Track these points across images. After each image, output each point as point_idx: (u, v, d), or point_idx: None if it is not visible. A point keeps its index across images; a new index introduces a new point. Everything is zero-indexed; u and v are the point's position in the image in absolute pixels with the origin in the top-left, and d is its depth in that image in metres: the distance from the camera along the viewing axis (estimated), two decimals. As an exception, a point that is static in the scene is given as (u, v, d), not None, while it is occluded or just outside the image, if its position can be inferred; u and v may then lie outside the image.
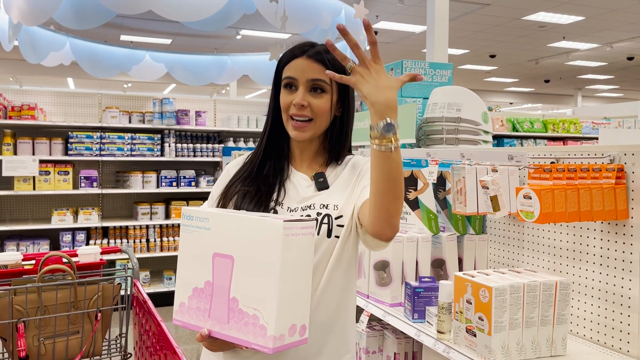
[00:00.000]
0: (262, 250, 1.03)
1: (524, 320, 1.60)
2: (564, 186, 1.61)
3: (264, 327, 1.02)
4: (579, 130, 7.10)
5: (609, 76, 15.68)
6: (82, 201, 5.76)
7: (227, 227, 1.09)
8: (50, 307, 1.90)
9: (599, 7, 8.82)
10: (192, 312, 1.12)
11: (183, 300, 1.14)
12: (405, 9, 8.78)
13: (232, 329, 1.06)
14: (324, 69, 1.28)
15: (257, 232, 1.04)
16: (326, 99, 1.30)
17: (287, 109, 1.31)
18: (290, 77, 1.31)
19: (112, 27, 9.81)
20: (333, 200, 1.32)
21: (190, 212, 1.14)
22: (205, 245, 1.11)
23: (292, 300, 1.05)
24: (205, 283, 1.10)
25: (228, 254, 1.07)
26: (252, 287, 1.04)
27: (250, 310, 1.04)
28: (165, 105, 5.69)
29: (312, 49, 1.31)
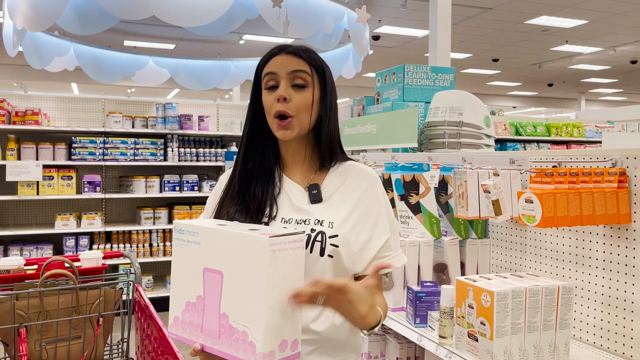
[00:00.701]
0: (250, 266, 1.01)
1: (526, 325, 1.59)
2: (565, 190, 1.60)
3: (253, 344, 1.00)
4: (582, 134, 7.08)
5: (612, 80, 15.66)
6: (86, 206, 5.77)
7: (215, 242, 1.07)
8: (52, 312, 1.90)
9: (602, 10, 8.81)
10: (186, 326, 1.11)
11: (177, 314, 1.13)
12: (408, 13, 8.80)
13: (224, 344, 1.05)
14: (304, 62, 1.26)
15: (245, 248, 1.02)
16: (308, 93, 1.26)
17: (271, 108, 1.26)
18: (270, 73, 1.26)
19: (116, 33, 9.86)
20: (329, 217, 1.25)
21: (181, 225, 1.12)
22: (195, 259, 1.09)
23: (281, 316, 1.02)
24: (197, 297, 1.09)
25: (217, 269, 1.06)
26: (240, 303, 1.02)
27: (240, 326, 1.02)
28: (168, 110, 5.71)
29: (290, 47, 1.28)
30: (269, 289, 0.99)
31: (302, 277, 1.06)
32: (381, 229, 1.27)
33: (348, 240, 1.22)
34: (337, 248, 1.21)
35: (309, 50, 1.30)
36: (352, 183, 1.30)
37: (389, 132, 3.05)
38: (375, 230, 1.27)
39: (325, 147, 1.31)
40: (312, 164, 1.34)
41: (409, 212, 2.29)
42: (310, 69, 1.27)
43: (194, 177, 5.80)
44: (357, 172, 1.33)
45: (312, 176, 1.32)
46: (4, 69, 12.93)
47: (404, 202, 2.32)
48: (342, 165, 1.34)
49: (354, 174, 1.32)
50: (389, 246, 1.28)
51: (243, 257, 1.02)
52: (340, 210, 1.26)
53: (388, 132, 3.06)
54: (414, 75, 3.16)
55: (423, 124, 3.01)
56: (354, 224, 1.25)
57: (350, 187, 1.30)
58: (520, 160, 1.72)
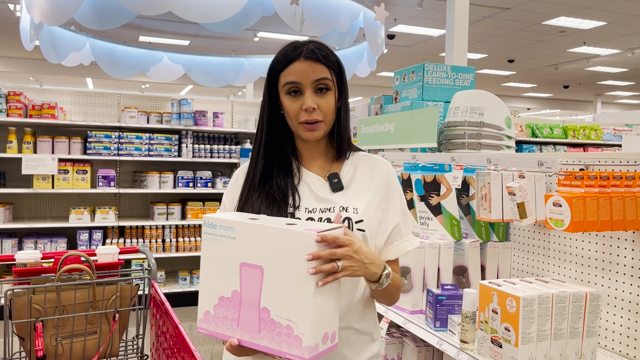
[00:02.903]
0: (294, 261, 1.02)
1: (552, 331, 1.55)
2: (595, 194, 1.56)
3: (299, 338, 1.01)
4: (599, 137, 6.98)
5: (629, 82, 15.46)
6: (100, 200, 5.79)
7: (254, 237, 1.06)
8: (69, 307, 1.89)
9: (621, 12, 8.69)
10: (219, 321, 1.10)
11: (208, 308, 1.12)
12: (424, 12, 8.74)
13: (264, 338, 1.05)
14: (325, 68, 1.28)
15: (289, 243, 1.03)
16: (331, 96, 1.29)
17: (297, 115, 1.28)
18: (293, 82, 1.27)
19: (131, 28, 9.89)
20: (352, 203, 1.30)
21: (213, 220, 1.11)
22: (231, 254, 1.08)
23: (324, 310, 1.04)
24: (233, 292, 1.08)
25: (257, 264, 1.05)
26: (284, 297, 1.03)
27: (284, 320, 1.02)
28: (183, 106, 5.70)
29: (305, 49, 1.28)
30: (315, 283, 1.00)
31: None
32: (394, 213, 1.35)
33: (372, 224, 1.30)
34: (364, 232, 1.27)
35: (326, 50, 1.31)
36: (368, 171, 1.37)
37: (407, 131, 3.01)
38: (389, 214, 1.34)
39: (342, 139, 1.37)
40: (328, 155, 1.39)
41: (429, 213, 2.26)
42: (330, 73, 1.29)
43: (208, 173, 5.79)
44: (371, 161, 1.40)
45: (329, 167, 1.38)
46: (20, 62, 13.04)
47: (424, 203, 2.29)
48: (355, 155, 1.41)
49: (368, 163, 1.39)
50: (399, 231, 1.35)
51: (287, 252, 1.03)
52: (361, 196, 1.32)
53: (406, 131, 3.02)
54: (434, 74, 3.12)
55: (442, 124, 2.97)
56: (375, 209, 1.32)
57: (366, 175, 1.36)
58: (549, 162, 1.67)
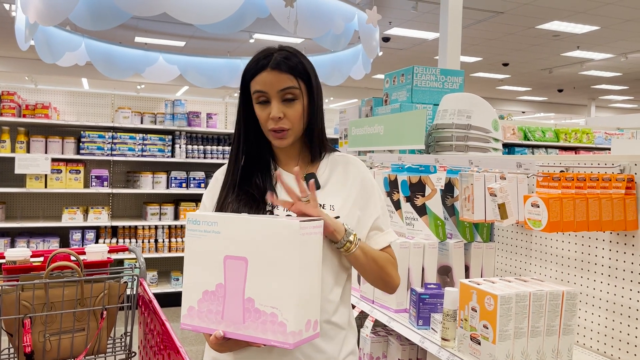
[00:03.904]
0: (278, 251, 1.06)
1: (529, 329, 1.59)
2: (572, 195, 1.59)
3: (284, 324, 1.05)
4: (591, 141, 7.04)
5: (623, 87, 15.55)
6: (93, 200, 5.80)
7: (238, 229, 1.11)
8: (57, 304, 1.91)
9: (614, 17, 8.76)
10: (203, 315, 1.13)
11: (192, 304, 1.15)
12: (418, 15, 8.79)
13: (249, 328, 1.08)
14: (290, 77, 1.30)
15: (273, 234, 1.07)
16: (299, 105, 1.32)
17: (265, 123, 1.32)
18: (260, 92, 1.31)
19: (127, 29, 9.91)
20: (329, 200, 1.35)
21: (197, 216, 1.15)
22: (214, 248, 1.12)
23: (307, 297, 1.08)
24: (217, 286, 1.12)
25: (241, 255, 1.09)
26: (268, 286, 1.07)
27: (268, 308, 1.06)
28: (177, 106, 5.73)
29: (273, 59, 1.30)
30: (299, 272, 1.05)
31: (320, 260, 1.14)
32: (372, 208, 1.40)
33: (350, 220, 1.33)
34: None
35: (295, 60, 1.33)
36: (343, 170, 1.42)
37: (396, 133, 3.04)
38: (367, 209, 1.39)
39: (316, 143, 1.41)
40: (303, 157, 1.43)
41: (414, 214, 2.29)
42: (297, 82, 1.32)
43: (201, 174, 5.82)
44: (346, 160, 1.45)
45: (306, 167, 1.42)
46: (15, 62, 13.03)
47: (409, 204, 2.32)
48: (331, 155, 1.45)
49: (343, 163, 1.44)
50: (379, 224, 1.40)
51: (271, 243, 1.07)
52: (338, 194, 1.37)
53: (395, 133, 3.05)
54: (423, 77, 3.16)
55: (431, 126, 3.01)
56: (352, 206, 1.36)
57: (342, 173, 1.41)
58: (528, 164, 1.71)
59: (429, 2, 8.09)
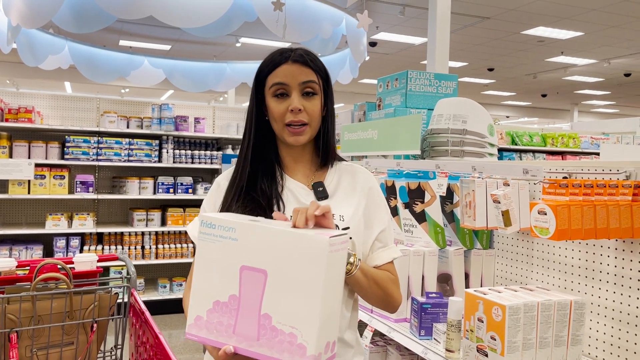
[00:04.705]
0: (303, 267, 0.98)
1: (537, 340, 1.55)
2: (580, 202, 1.56)
3: (303, 347, 0.96)
4: (577, 145, 7.09)
5: (605, 92, 15.76)
6: (77, 206, 5.68)
7: (259, 239, 1.02)
8: (45, 317, 1.83)
9: (598, 23, 8.86)
10: (212, 326, 1.05)
11: (200, 313, 1.06)
12: (406, 20, 8.80)
13: (263, 346, 1.00)
14: (312, 71, 1.28)
15: (298, 247, 0.99)
16: (318, 100, 1.29)
17: (282, 117, 1.27)
18: (280, 84, 1.27)
19: (112, 32, 9.78)
20: (338, 211, 1.30)
21: (212, 219, 1.06)
22: (230, 256, 1.04)
23: (328, 318, 1.00)
24: (230, 297, 1.03)
25: (260, 267, 1.01)
26: (289, 304, 0.98)
27: (287, 328, 0.98)
28: (164, 111, 5.64)
29: (293, 53, 1.28)
30: (324, 291, 0.97)
31: (343, 278, 1.06)
32: (379, 220, 1.35)
33: (358, 231, 1.30)
34: (351, 239, 1.27)
35: (314, 55, 1.32)
36: (351, 180, 1.38)
37: (390, 138, 3.00)
38: (374, 221, 1.34)
39: (326, 148, 1.37)
40: (312, 164, 1.39)
41: (413, 221, 2.25)
42: (317, 78, 1.30)
43: (189, 179, 5.73)
44: (353, 170, 1.41)
45: (313, 175, 1.37)
46: (-4, 65, 12.79)
47: (408, 210, 2.28)
48: (339, 165, 1.41)
49: (351, 172, 1.40)
50: (384, 237, 1.35)
51: (295, 257, 0.99)
52: (347, 204, 1.32)
53: (390, 138, 3.01)
54: (417, 81, 3.13)
55: (426, 131, 2.97)
56: (360, 217, 1.32)
57: (350, 183, 1.37)
58: (535, 170, 1.68)
59: (416, 7, 8.11)
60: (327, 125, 1.35)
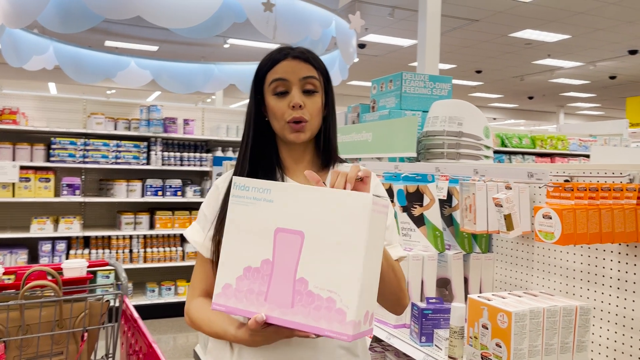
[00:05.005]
0: (344, 227, 0.92)
1: (543, 347, 1.52)
2: (585, 206, 1.53)
3: (342, 312, 0.90)
4: (566, 147, 7.12)
5: (591, 94, 15.91)
6: (64, 209, 5.57)
7: (296, 200, 0.96)
8: (33, 326, 1.76)
9: (585, 26, 8.92)
10: (242, 295, 0.99)
11: (229, 281, 1.00)
12: (395, 22, 8.79)
13: (298, 313, 0.94)
14: (313, 68, 1.26)
15: (338, 206, 0.93)
16: (318, 98, 1.26)
17: (283, 114, 1.24)
18: (280, 79, 1.24)
19: (97, 32, 9.65)
20: None
21: (245, 181, 1.01)
22: (264, 219, 0.98)
23: (369, 284, 0.94)
24: (263, 262, 0.98)
25: (296, 229, 0.96)
26: (327, 266, 0.93)
27: (324, 292, 0.92)
28: (152, 112, 5.56)
29: (293, 50, 1.26)
30: (365, 252, 0.91)
31: (382, 245, 1.01)
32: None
33: None
34: None
35: (314, 54, 1.29)
36: None
37: (385, 140, 2.97)
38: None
39: (328, 148, 1.33)
40: (313, 165, 1.35)
41: (411, 224, 2.21)
42: (318, 74, 1.27)
43: (178, 181, 5.65)
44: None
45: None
46: (-22, 66, 12.56)
47: (406, 214, 2.24)
48: (340, 166, 1.37)
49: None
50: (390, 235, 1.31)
51: (335, 217, 0.93)
52: None
53: (385, 140, 2.98)
54: (412, 83, 3.10)
55: (421, 133, 2.94)
56: None
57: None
58: (540, 173, 1.65)
59: (405, 9, 8.10)
60: (329, 125, 1.32)
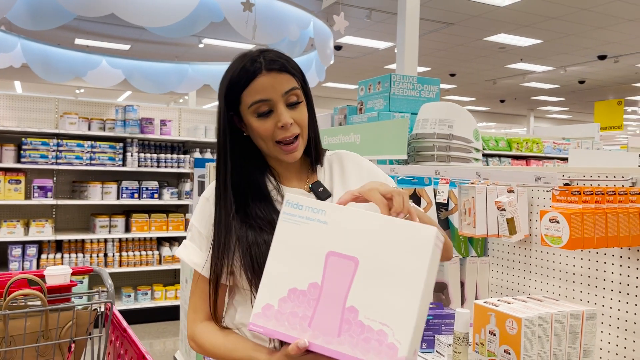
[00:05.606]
0: (403, 258, 0.89)
1: (551, 353, 1.50)
2: (592, 210, 1.52)
3: (394, 347, 0.86)
4: (541, 150, 7.23)
5: (560, 98, 16.26)
6: (35, 212, 5.38)
7: (353, 224, 0.92)
8: (17, 338, 1.66)
9: (557, 31, 9.10)
10: (284, 317, 0.93)
11: (271, 302, 0.95)
12: (372, 24, 8.80)
13: (344, 343, 0.89)
14: (291, 77, 1.17)
15: (399, 236, 0.90)
16: (304, 106, 1.20)
17: (271, 135, 1.17)
18: (262, 101, 1.14)
19: (67, 30, 9.39)
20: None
21: (299, 199, 0.97)
22: (316, 241, 0.94)
23: (421, 320, 0.90)
24: (310, 285, 0.93)
25: (351, 255, 0.91)
26: (381, 297, 0.88)
27: (376, 324, 0.87)
28: (128, 112, 5.42)
29: (265, 60, 1.15)
30: (425, 285, 0.88)
31: (434, 280, 0.96)
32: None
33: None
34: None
35: (285, 56, 1.19)
36: (342, 169, 1.32)
37: (375, 142, 2.94)
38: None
39: (315, 148, 1.30)
40: (303, 165, 1.32)
41: (406, 228, 2.18)
42: (297, 81, 1.19)
43: (154, 183, 5.52)
44: (340, 158, 1.35)
45: (307, 177, 1.31)
46: (-60, 63, 12.09)
47: (401, 218, 2.21)
48: (325, 158, 1.35)
49: (339, 161, 1.34)
50: None
51: (395, 246, 0.89)
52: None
53: (374, 142, 2.95)
54: (400, 85, 3.08)
55: (410, 136, 2.92)
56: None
57: (344, 172, 1.32)
58: (548, 177, 1.63)
59: (383, 12, 8.12)
60: (314, 126, 1.28)
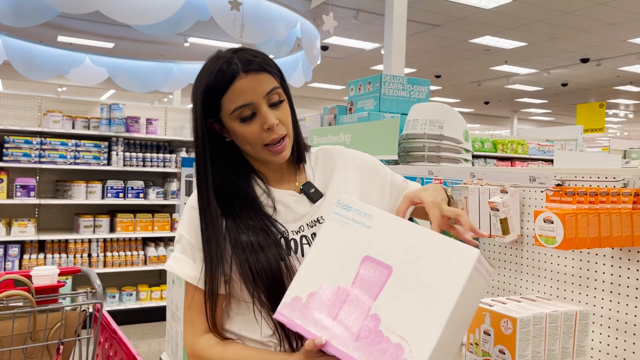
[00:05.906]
0: (438, 274, 0.87)
1: (545, 353, 1.50)
2: (586, 210, 1.53)
3: None
4: (525, 151, 7.30)
5: (543, 100, 16.46)
6: (17, 212, 5.29)
7: (397, 233, 0.92)
8: (4, 339, 1.62)
9: (541, 34, 9.20)
10: (308, 312, 0.92)
11: (300, 294, 0.94)
12: (358, 25, 8.81)
13: (359, 350, 0.87)
14: (271, 76, 1.14)
15: (440, 253, 0.88)
16: (286, 104, 1.17)
17: (257, 139, 1.14)
18: (245, 105, 1.11)
19: (50, 27, 9.26)
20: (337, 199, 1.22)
21: (349, 201, 0.98)
22: (356, 243, 0.94)
23: (446, 344, 0.87)
24: (341, 285, 0.92)
25: (386, 262, 0.90)
26: (406, 311, 0.86)
27: (395, 337, 0.85)
28: (114, 111, 5.35)
29: (241, 61, 1.11)
30: (454, 308, 0.85)
31: (475, 310, 0.95)
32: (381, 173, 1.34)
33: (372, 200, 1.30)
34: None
35: (261, 54, 1.16)
36: (330, 165, 1.30)
37: (365, 143, 2.94)
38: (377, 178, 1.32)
39: (298, 146, 1.27)
40: (289, 166, 1.28)
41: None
42: (277, 80, 1.16)
43: (140, 183, 5.46)
44: (326, 154, 1.33)
45: (295, 177, 1.28)
46: None
47: (393, 218, 2.21)
48: (311, 155, 1.33)
49: (327, 158, 1.32)
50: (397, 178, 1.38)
51: (432, 262, 0.88)
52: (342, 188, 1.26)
53: (364, 143, 2.94)
54: (390, 85, 3.08)
55: (401, 136, 2.93)
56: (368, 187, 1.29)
57: (333, 169, 1.29)
58: (543, 177, 1.64)
59: (370, 13, 8.13)
60: (296, 123, 1.25)
